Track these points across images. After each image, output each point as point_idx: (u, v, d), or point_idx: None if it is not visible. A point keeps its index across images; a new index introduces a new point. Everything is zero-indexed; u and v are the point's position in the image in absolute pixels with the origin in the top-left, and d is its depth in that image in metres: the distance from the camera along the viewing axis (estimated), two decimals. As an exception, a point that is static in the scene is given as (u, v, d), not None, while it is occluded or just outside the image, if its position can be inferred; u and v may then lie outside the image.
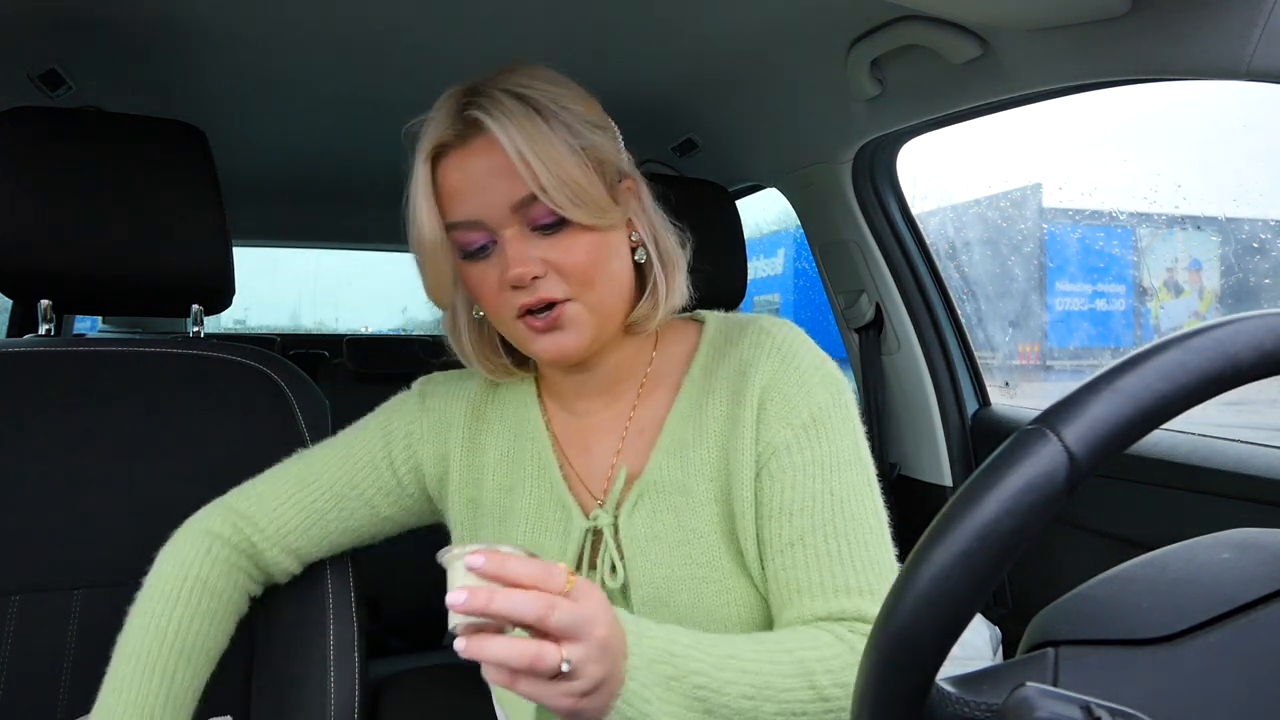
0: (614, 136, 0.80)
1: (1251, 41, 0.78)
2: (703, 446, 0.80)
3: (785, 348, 0.81)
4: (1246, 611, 0.39)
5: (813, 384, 0.79)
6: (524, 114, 0.72)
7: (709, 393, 0.82)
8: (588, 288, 0.76)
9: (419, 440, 0.91)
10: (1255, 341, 0.37)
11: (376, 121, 1.72)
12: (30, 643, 0.93)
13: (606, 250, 0.77)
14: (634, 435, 0.85)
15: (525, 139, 0.71)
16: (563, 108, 0.74)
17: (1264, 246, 2.38)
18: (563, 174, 0.72)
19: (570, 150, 0.73)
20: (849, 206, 1.62)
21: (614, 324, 0.80)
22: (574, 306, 0.76)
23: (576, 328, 0.77)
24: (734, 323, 0.87)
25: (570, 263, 0.75)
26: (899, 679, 0.38)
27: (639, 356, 0.87)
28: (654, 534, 0.80)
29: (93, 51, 1.34)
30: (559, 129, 0.73)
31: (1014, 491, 0.36)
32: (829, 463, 0.77)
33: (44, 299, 1.04)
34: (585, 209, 0.73)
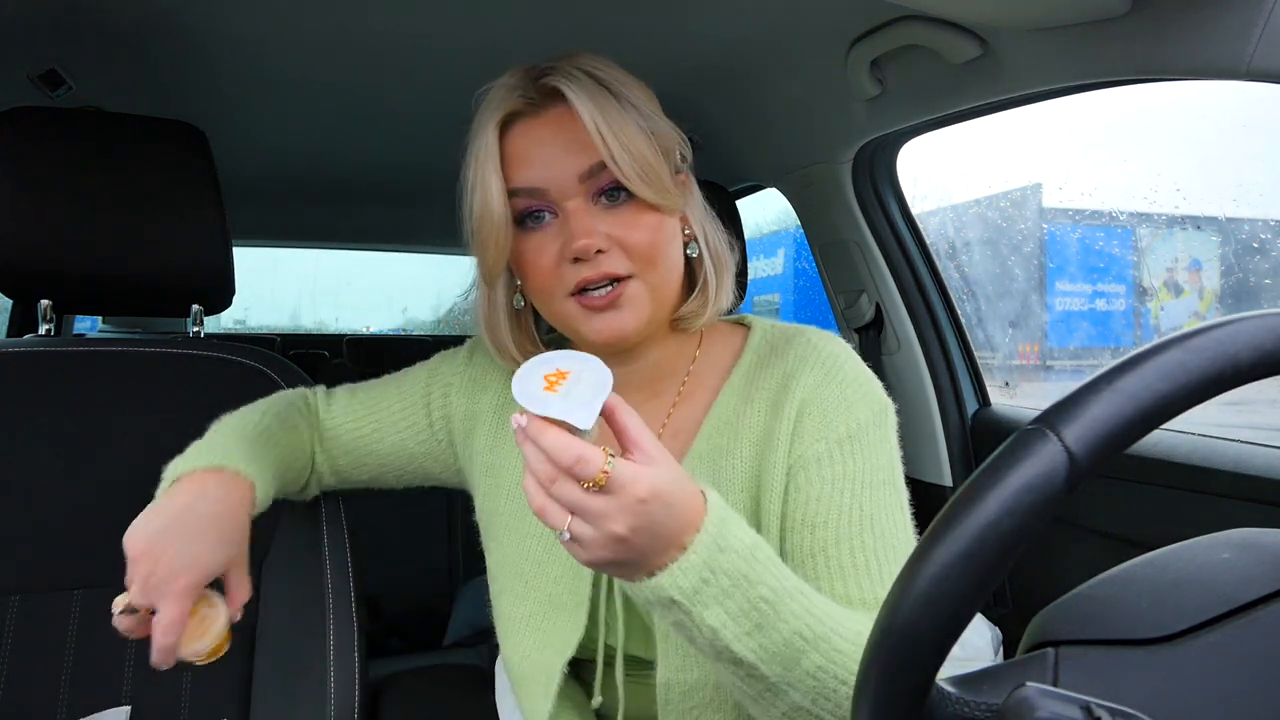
0: (674, 130, 0.80)
1: (1251, 41, 0.78)
2: (736, 456, 0.79)
3: (831, 362, 0.79)
4: (1246, 611, 0.39)
5: (854, 400, 0.77)
6: (598, 89, 0.73)
7: (748, 401, 0.80)
8: (650, 266, 0.75)
9: (455, 391, 0.92)
10: (1255, 341, 0.37)
11: (376, 121, 1.72)
12: (30, 643, 0.93)
13: (667, 232, 0.77)
14: (669, 437, 0.83)
15: (600, 111, 0.71)
16: (630, 92, 0.75)
17: (1264, 246, 2.38)
18: (634, 148, 0.72)
19: (640, 130, 0.73)
20: (849, 206, 1.62)
21: (666, 311, 0.80)
22: (635, 284, 0.75)
23: (634, 307, 0.75)
24: (780, 332, 0.85)
25: (634, 239, 0.74)
26: (899, 678, 0.38)
27: (681, 354, 0.85)
28: None
29: (93, 51, 1.34)
30: (629, 109, 0.74)
31: (1014, 491, 0.36)
32: (861, 479, 0.74)
33: (44, 299, 1.04)
34: (652, 187, 0.73)
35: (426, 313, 4.34)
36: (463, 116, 0.79)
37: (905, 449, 0.81)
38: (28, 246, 0.98)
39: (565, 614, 0.82)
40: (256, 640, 0.99)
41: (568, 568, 0.82)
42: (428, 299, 4.28)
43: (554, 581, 0.83)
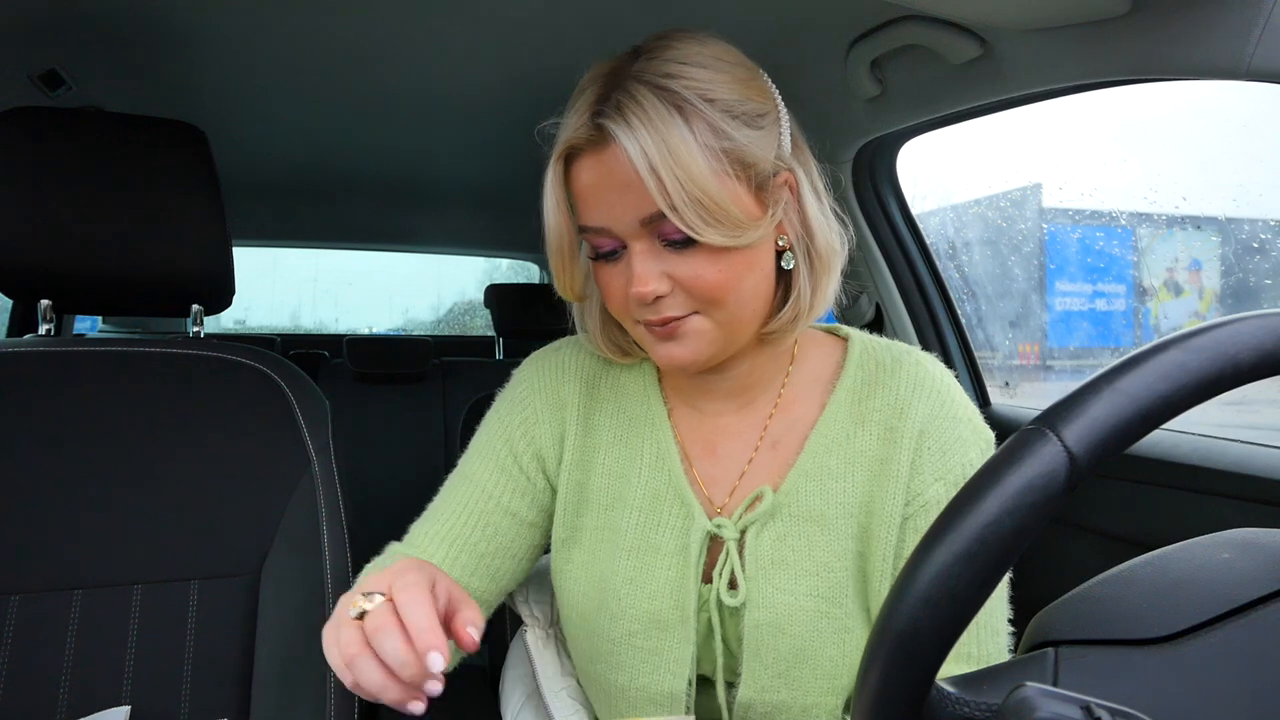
0: (774, 123, 0.71)
1: (1251, 41, 0.78)
2: (848, 479, 0.76)
3: (944, 392, 0.77)
4: (1246, 611, 0.39)
5: (965, 437, 0.76)
6: (661, 115, 0.64)
7: (860, 423, 0.77)
8: (716, 307, 0.70)
9: (534, 423, 0.84)
10: (1255, 341, 0.37)
11: (377, 121, 1.72)
12: (30, 643, 0.93)
13: (742, 267, 0.69)
14: (767, 448, 0.80)
15: (657, 149, 0.64)
16: (710, 101, 0.66)
17: (1264, 246, 2.38)
18: (696, 190, 0.64)
19: (709, 158, 0.65)
20: (849, 206, 1.62)
21: (743, 337, 0.74)
22: (698, 319, 0.71)
23: (696, 340, 0.72)
24: (885, 350, 0.81)
25: (700, 284, 0.69)
26: (899, 679, 0.38)
27: (775, 364, 0.81)
28: (780, 558, 0.75)
29: (93, 51, 1.34)
30: (701, 130, 0.65)
31: (1014, 491, 0.36)
32: None
33: (44, 299, 1.04)
34: (719, 229, 0.66)
35: (426, 313, 4.35)
36: (463, 116, 0.79)
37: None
38: (28, 246, 0.98)
39: (670, 631, 0.77)
40: (256, 640, 0.99)
41: (667, 582, 0.77)
42: (428, 299, 4.28)
43: (651, 597, 0.77)
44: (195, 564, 1.00)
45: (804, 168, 0.75)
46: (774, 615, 0.74)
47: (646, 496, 0.80)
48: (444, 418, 2.40)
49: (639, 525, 0.79)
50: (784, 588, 0.75)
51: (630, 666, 0.78)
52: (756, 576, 0.75)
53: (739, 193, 0.68)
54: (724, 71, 0.68)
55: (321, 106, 1.65)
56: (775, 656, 0.74)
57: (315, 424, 1.08)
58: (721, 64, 0.69)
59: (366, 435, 2.27)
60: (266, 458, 1.05)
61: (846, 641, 0.74)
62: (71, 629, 0.95)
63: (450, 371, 2.47)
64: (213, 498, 1.02)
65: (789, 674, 0.74)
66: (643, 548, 0.78)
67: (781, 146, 0.72)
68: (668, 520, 0.79)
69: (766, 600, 0.75)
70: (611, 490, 0.82)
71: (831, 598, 0.75)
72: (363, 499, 1.07)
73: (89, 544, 0.98)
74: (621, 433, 0.83)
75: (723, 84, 0.67)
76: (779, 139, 0.71)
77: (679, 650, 0.76)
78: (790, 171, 0.73)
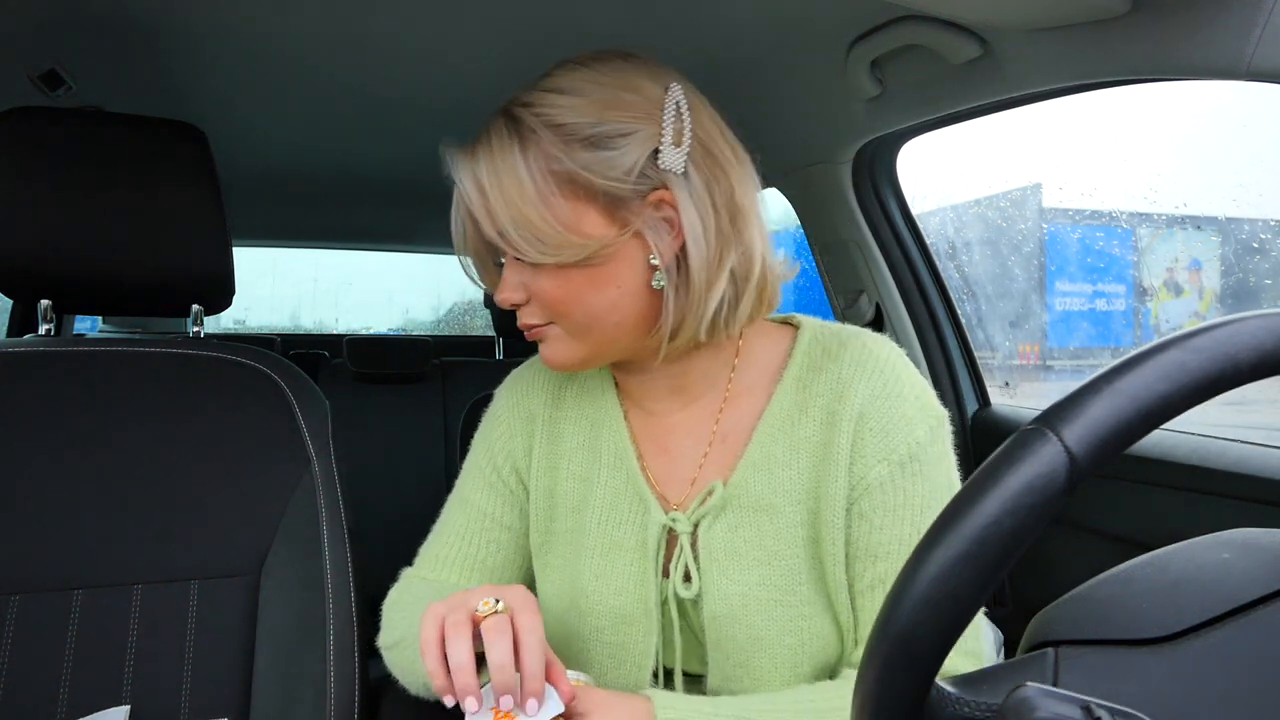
0: (641, 143, 0.70)
1: (1251, 41, 0.78)
2: (794, 466, 0.77)
3: (888, 371, 0.76)
4: (1246, 611, 0.39)
5: (912, 416, 0.75)
6: (501, 143, 0.70)
7: (803, 409, 0.78)
8: (563, 318, 0.74)
9: (509, 438, 0.89)
10: (1255, 341, 0.37)
11: (377, 121, 1.72)
12: (30, 643, 0.93)
13: (584, 284, 0.72)
14: (719, 441, 0.81)
15: (488, 175, 0.69)
16: (554, 126, 0.69)
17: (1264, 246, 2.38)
18: (516, 213, 0.69)
19: (539, 181, 0.68)
20: (849, 206, 1.62)
21: (612, 346, 0.76)
22: (553, 329, 0.76)
23: (556, 345, 0.76)
24: (832, 334, 0.82)
25: (544, 298, 0.73)
26: (899, 679, 0.38)
27: (719, 361, 0.82)
28: (733, 549, 0.77)
29: (93, 51, 1.34)
30: (535, 156, 0.69)
31: (1014, 492, 0.36)
32: (920, 504, 0.74)
33: (44, 299, 1.04)
34: (538, 247, 0.69)
35: (426, 313, 4.35)
36: (463, 116, 0.80)
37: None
38: (28, 246, 0.98)
39: (634, 625, 0.80)
40: (256, 640, 0.99)
41: (630, 578, 0.80)
42: (428, 299, 4.28)
43: (616, 593, 0.80)
44: (195, 564, 1.00)
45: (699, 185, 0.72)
46: (729, 606, 0.76)
47: (609, 496, 0.83)
48: (444, 418, 2.40)
49: (602, 524, 0.82)
50: (737, 578, 0.76)
51: (599, 661, 0.81)
52: (711, 569, 0.77)
53: (570, 213, 0.70)
54: (586, 96, 0.70)
55: (321, 106, 1.65)
56: (734, 646, 0.76)
57: (315, 424, 1.08)
58: (590, 88, 0.70)
59: (366, 435, 2.27)
60: (266, 458, 1.05)
61: (804, 629, 0.75)
62: (71, 629, 0.95)
63: (450, 371, 2.47)
64: (213, 498, 1.03)
65: (749, 663, 0.76)
66: (607, 546, 0.81)
67: (653, 165, 0.70)
68: (629, 518, 0.81)
69: (721, 591, 0.77)
70: (578, 493, 0.85)
71: (785, 586, 0.76)
72: (363, 499, 1.08)
73: (89, 544, 0.98)
74: (585, 438, 0.86)
75: (577, 108, 0.69)
76: (642, 158, 0.70)
77: (643, 643, 0.79)
78: (666, 191, 0.71)
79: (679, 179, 0.71)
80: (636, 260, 0.72)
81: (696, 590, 0.77)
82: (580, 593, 0.81)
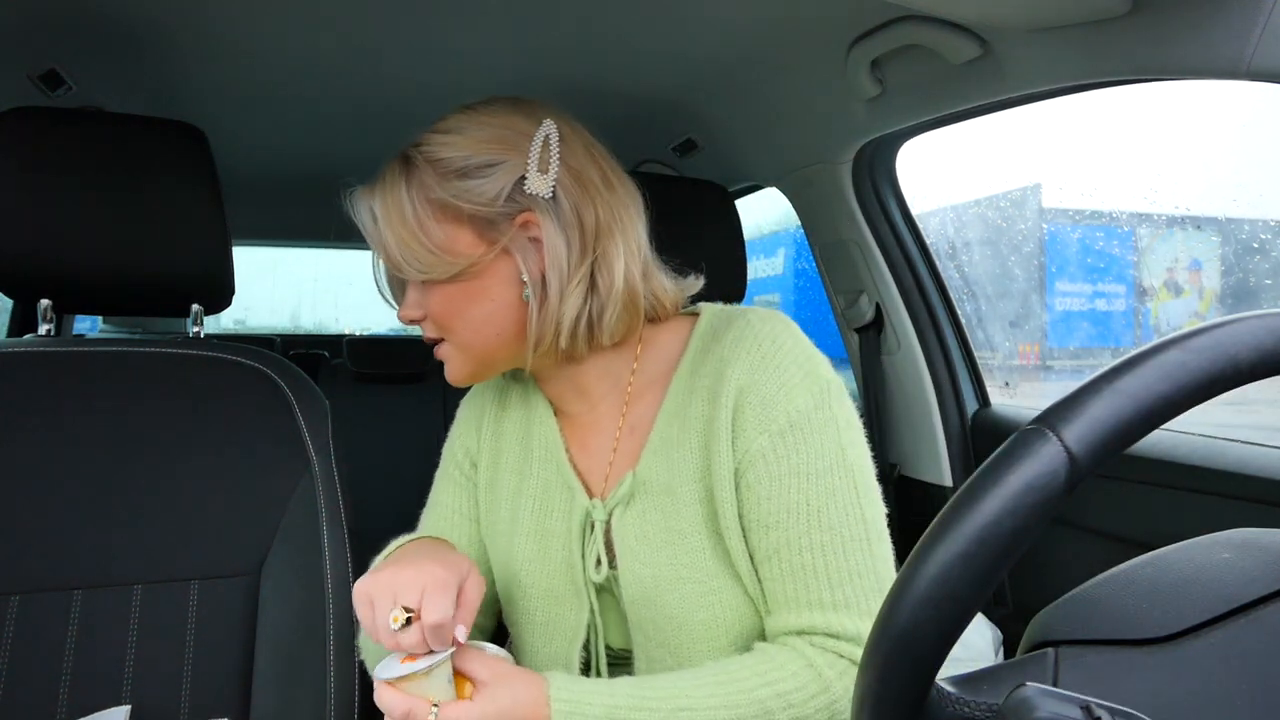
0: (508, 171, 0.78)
1: (1251, 41, 0.78)
2: (685, 446, 0.80)
3: (767, 344, 0.79)
4: (1246, 611, 0.39)
5: (792, 385, 0.77)
6: (394, 179, 0.80)
7: (692, 391, 0.82)
8: (449, 331, 0.82)
9: (465, 434, 0.98)
10: (1255, 341, 0.37)
11: (376, 121, 1.72)
12: (30, 643, 0.93)
13: (461, 299, 0.80)
14: (627, 433, 0.87)
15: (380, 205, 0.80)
16: (433, 161, 0.78)
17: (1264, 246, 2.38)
18: (400, 238, 0.78)
19: (418, 210, 0.78)
20: (849, 206, 1.62)
21: (496, 358, 0.84)
22: (445, 346, 0.84)
23: (451, 361, 0.85)
24: (723, 317, 0.85)
25: (432, 310, 0.82)
26: (899, 679, 0.38)
27: (619, 361, 0.87)
28: (642, 533, 0.81)
29: (93, 51, 1.34)
30: (415, 186, 0.78)
31: (1014, 492, 0.36)
32: (806, 470, 0.75)
33: (44, 299, 1.04)
34: (423, 268, 0.78)
35: (426, 313, 4.33)
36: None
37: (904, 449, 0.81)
38: (28, 246, 0.98)
39: (565, 604, 0.86)
40: (256, 640, 0.99)
41: (560, 560, 0.86)
42: (428, 299, 4.26)
43: (549, 575, 0.86)
44: (195, 564, 1.00)
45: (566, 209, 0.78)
46: (643, 588, 0.80)
47: (541, 485, 0.89)
48: (444, 418, 2.39)
49: (536, 512, 0.89)
50: (647, 561, 0.80)
51: (533, 639, 0.88)
52: (624, 554, 0.82)
53: (443, 235, 0.78)
54: (464, 134, 0.79)
55: (321, 106, 1.65)
56: (654, 628, 0.81)
57: (315, 424, 1.08)
58: (470, 127, 0.80)
59: (366, 435, 2.27)
60: (266, 458, 1.05)
61: (715, 604, 0.78)
62: (71, 629, 0.95)
63: (450, 371, 2.47)
64: (213, 498, 1.03)
65: (670, 643, 0.80)
66: (540, 532, 0.88)
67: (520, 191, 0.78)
68: (558, 505, 0.88)
69: (635, 575, 0.81)
70: (513, 484, 0.92)
71: (691, 564, 0.79)
72: (363, 499, 1.07)
73: (89, 544, 0.98)
74: (521, 434, 0.94)
75: (454, 145, 0.79)
76: (508, 185, 0.78)
77: (574, 621, 0.85)
78: (531, 214, 0.78)
79: (545, 203, 0.78)
80: (508, 276, 0.80)
81: (604, 575, 0.83)
82: (514, 576, 0.88)
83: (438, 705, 0.67)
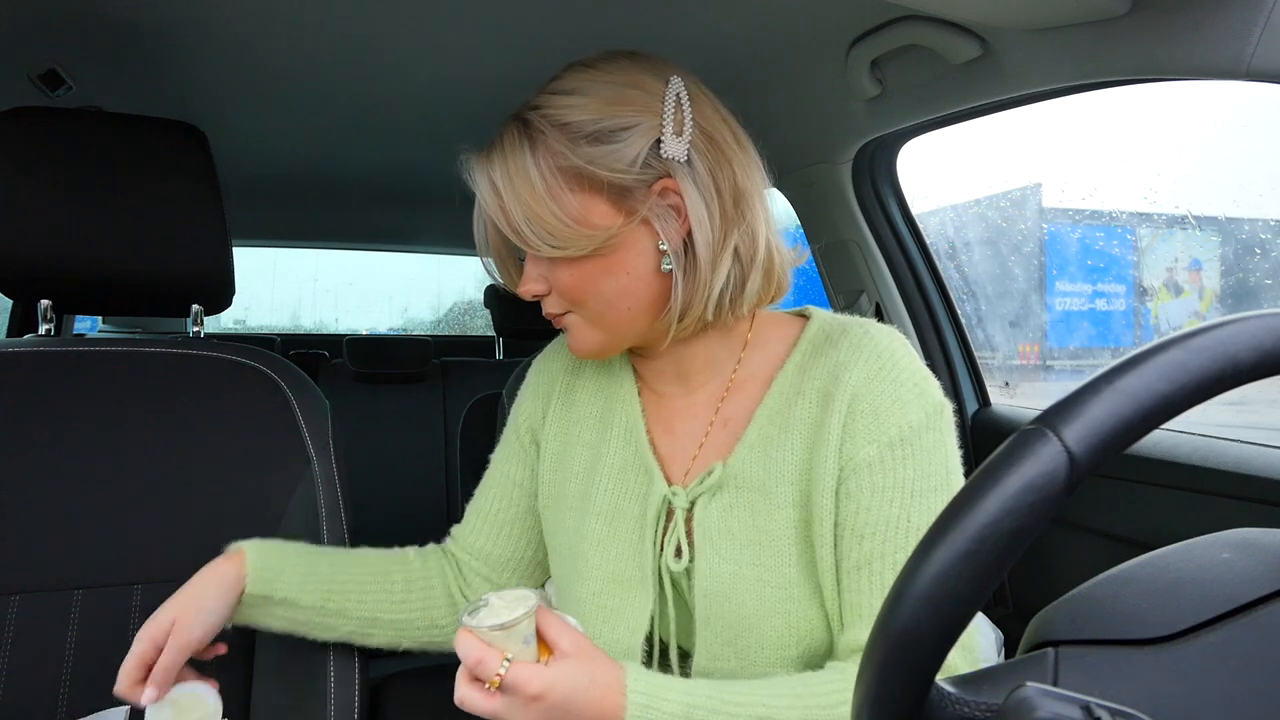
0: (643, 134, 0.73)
1: (1251, 41, 0.78)
2: (787, 447, 0.78)
3: (885, 355, 0.77)
4: (1246, 611, 0.39)
5: (907, 400, 0.76)
6: (513, 145, 0.74)
7: (800, 392, 0.79)
8: (580, 305, 0.79)
9: (532, 400, 0.96)
10: (1255, 341, 0.37)
11: (376, 121, 1.72)
12: (30, 643, 0.93)
13: (597, 273, 0.76)
14: (719, 426, 0.84)
15: (502, 177, 0.74)
16: (560, 125, 0.73)
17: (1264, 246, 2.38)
18: (527, 210, 0.73)
19: (548, 180, 0.73)
20: (849, 206, 1.62)
21: (628, 331, 0.80)
22: (572, 317, 0.81)
23: (577, 333, 0.81)
24: (836, 324, 0.83)
25: (560, 284, 0.78)
26: (899, 679, 0.38)
27: (727, 349, 0.85)
28: (727, 528, 0.79)
29: (93, 51, 1.34)
30: (543, 154, 0.73)
31: (1014, 492, 0.36)
32: (910, 487, 0.73)
33: (44, 299, 1.04)
34: (558, 244, 0.74)
35: (426, 313, 4.35)
36: (463, 116, 0.80)
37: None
38: (28, 246, 0.98)
39: (630, 591, 0.82)
40: (256, 640, 0.99)
41: (630, 544, 0.83)
42: (428, 299, 4.28)
43: (616, 558, 0.83)
44: (196, 564, 1.00)
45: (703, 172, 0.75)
46: (719, 584, 0.77)
47: (617, 465, 0.86)
48: (444, 418, 2.40)
49: (609, 492, 0.85)
50: (729, 557, 0.78)
51: (594, 623, 0.83)
52: (704, 546, 0.79)
53: (578, 206, 0.74)
54: (590, 95, 0.74)
55: (321, 107, 1.65)
56: (723, 625, 0.77)
57: (315, 424, 1.08)
58: (594, 86, 0.75)
59: (366, 435, 2.27)
60: (266, 458, 1.05)
61: (791, 612, 0.76)
62: (71, 629, 0.95)
63: (450, 371, 2.47)
64: (213, 498, 1.03)
65: (737, 642, 0.77)
66: (611, 512, 0.84)
67: (656, 155, 0.74)
68: (634, 488, 0.85)
69: (713, 569, 0.78)
70: (586, 459, 0.89)
71: (774, 566, 0.76)
72: (363, 499, 1.07)
73: (89, 544, 0.98)
74: (598, 409, 0.91)
75: (581, 107, 0.74)
76: (644, 149, 0.74)
77: (638, 608, 0.81)
78: (670, 179, 0.74)
79: (682, 167, 0.75)
80: (645, 247, 0.76)
81: (685, 564, 0.80)
82: (581, 555, 0.84)
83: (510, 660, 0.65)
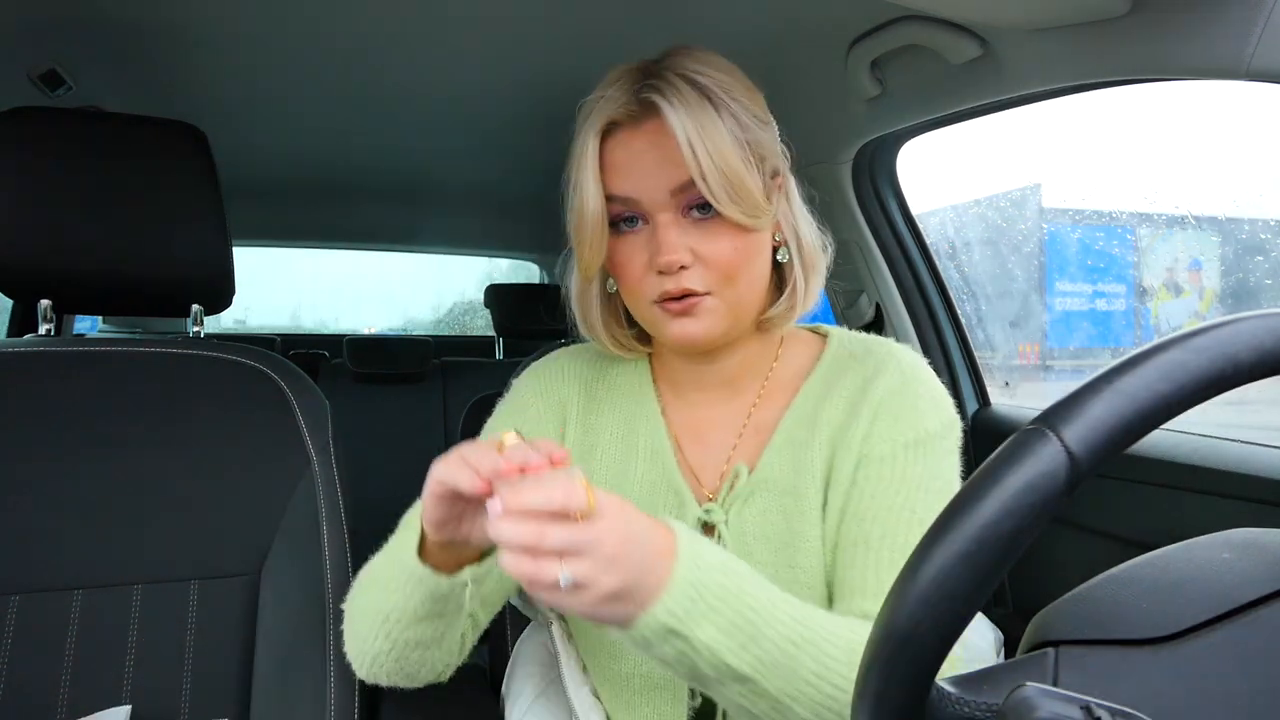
0: (774, 131, 0.80)
1: (1251, 41, 0.78)
2: (813, 447, 0.80)
3: (909, 371, 0.81)
4: (1246, 611, 0.39)
5: (926, 409, 0.79)
6: (697, 99, 0.72)
7: (827, 398, 0.82)
8: (728, 284, 0.76)
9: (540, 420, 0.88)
10: (1255, 341, 0.37)
11: (377, 121, 1.72)
12: (30, 643, 0.93)
13: (752, 249, 0.77)
14: (750, 433, 0.84)
15: (695, 125, 0.71)
16: (733, 99, 0.74)
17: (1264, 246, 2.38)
18: (724, 165, 0.71)
19: (735, 142, 0.73)
20: (849, 206, 1.62)
21: (747, 320, 0.81)
22: (712, 300, 0.76)
23: (709, 318, 0.77)
24: (860, 341, 0.87)
25: (716, 257, 0.75)
26: (899, 679, 0.38)
27: (763, 356, 0.87)
28: (763, 533, 0.79)
29: (93, 51, 1.34)
30: (727, 119, 0.73)
31: (1014, 492, 0.36)
32: (919, 484, 0.75)
33: (44, 299, 1.04)
34: (740, 205, 0.73)
35: (426, 313, 4.34)
36: (464, 116, 0.80)
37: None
38: (28, 246, 0.98)
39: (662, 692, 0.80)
40: (256, 640, 0.99)
41: None
42: (428, 299, 4.28)
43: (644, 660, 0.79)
44: (195, 564, 1.00)
45: (789, 177, 0.82)
46: None
47: (644, 488, 0.84)
48: (444, 418, 2.40)
49: None
50: (765, 561, 0.78)
51: (632, 655, 0.80)
52: (740, 553, 0.78)
53: (755, 179, 0.75)
54: (736, 79, 0.77)
55: (322, 106, 1.65)
56: None
57: (315, 424, 1.08)
58: (732, 71, 0.77)
59: (366, 435, 2.26)
60: (266, 458, 1.05)
61: None
62: (71, 629, 0.95)
63: (450, 371, 2.47)
64: (213, 498, 1.03)
65: None
66: None
67: (778, 152, 0.80)
68: (663, 510, 0.82)
69: None
70: (611, 484, 0.85)
71: (809, 568, 0.77)
72: (363, 499, 1.07)
73: (89, 544, 0.98)
74: (620, 430, 0.88)
75: (736, 87, 0.76)
76: (777, 145, 0.79)
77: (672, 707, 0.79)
78: (782, 177, 0.80)
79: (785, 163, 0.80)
80: (769, 235, 0.80)
81: None
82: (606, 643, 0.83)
83: None
